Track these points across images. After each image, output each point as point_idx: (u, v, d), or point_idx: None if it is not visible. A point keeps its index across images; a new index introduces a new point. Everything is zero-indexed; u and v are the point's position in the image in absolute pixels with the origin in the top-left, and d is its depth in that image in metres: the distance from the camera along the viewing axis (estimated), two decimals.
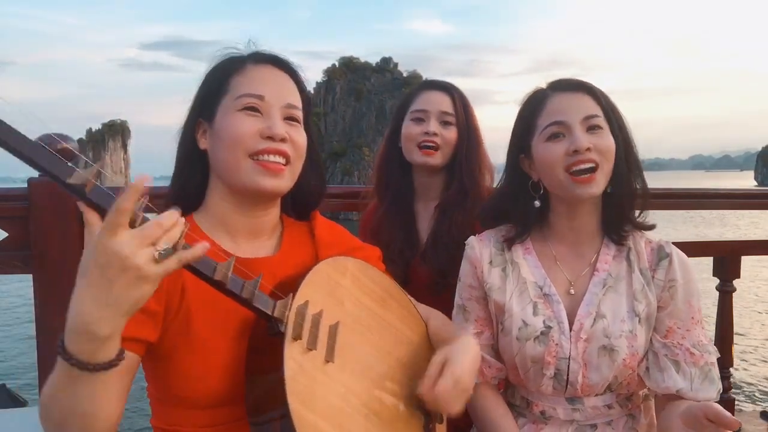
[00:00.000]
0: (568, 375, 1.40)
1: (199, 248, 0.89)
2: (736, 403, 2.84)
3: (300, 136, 1.25)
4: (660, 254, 1.45)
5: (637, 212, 1.49)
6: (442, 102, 1.98)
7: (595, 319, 1.40)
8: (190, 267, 0.93)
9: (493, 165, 2.03)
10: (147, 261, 0.83)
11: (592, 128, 1.39)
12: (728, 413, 1.13)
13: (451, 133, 1.96)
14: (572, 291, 1.46)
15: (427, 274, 1.87)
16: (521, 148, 1.51)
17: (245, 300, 1.00)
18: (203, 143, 1.25)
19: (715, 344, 2.80)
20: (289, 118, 1.24)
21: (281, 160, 1.20)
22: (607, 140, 1.39)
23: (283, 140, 1.19)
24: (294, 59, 1.30)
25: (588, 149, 1.36)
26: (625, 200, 1.45)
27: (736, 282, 2.78)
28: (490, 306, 1.51)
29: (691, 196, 2.93)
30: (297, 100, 1.27)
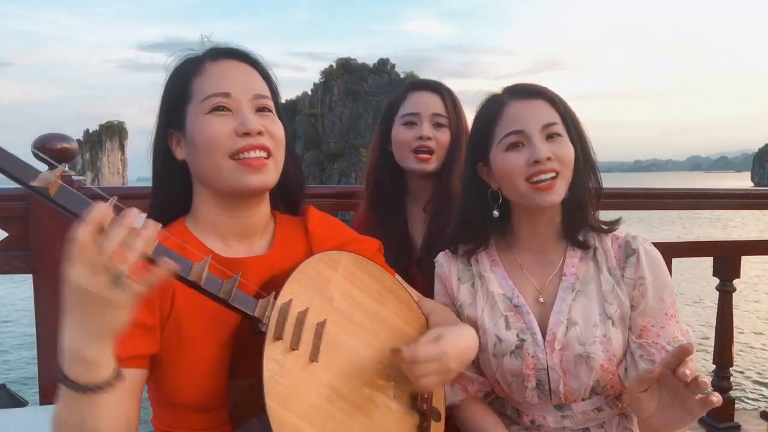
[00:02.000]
0: (549, 384, 1.38)
1: (159, 269, 0.84)
2: (737, 402, 2.84)
3: (276, 126, 1.20)
4: (627, 251, 1.42)
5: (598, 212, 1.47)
6: (433, 103, 1.91)
7: (567, 327, 1.37)
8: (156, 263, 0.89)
9: None
10: (105, 288, 0.80)
11: (551, 136, 1.37)
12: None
13: (445, 136, 1.91)
14: (541, 299, 1.44)
15: (425, 282, 1.84)
16: (479, 157, 1.48)
17: (223, 300, 0.97)
18: (180, 154, 1.21)
19: (714, 344, 2.84)
20: (261, 109, 1.19)
21: (263, 154, 1.16)
22: (566, 148, 1.37)
23: (260, 134, 1.15)
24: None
25: (548, 159, 1.34)
26: (585, 205, 1.43)
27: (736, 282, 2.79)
28: (464, 322, 1.48)
29: (691, 196, 2.94)
30: (264, 90, 1.22)
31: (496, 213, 1.46)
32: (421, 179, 1.97)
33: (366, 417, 1.12)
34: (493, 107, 1.44)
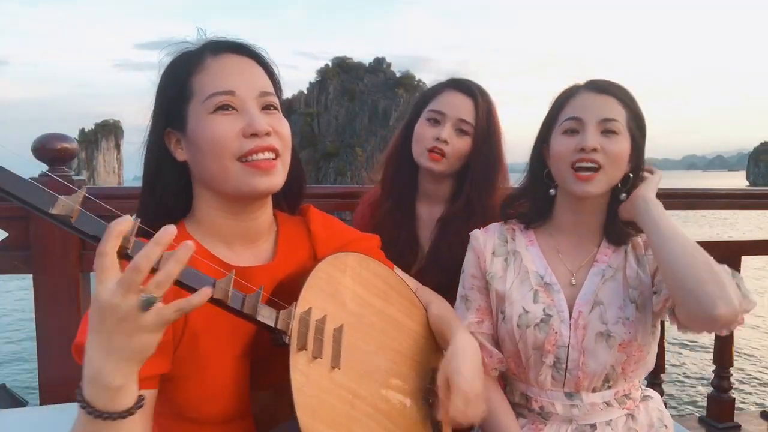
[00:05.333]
0: (567, 363, 1.41)
1: (196, 298, 0.82)
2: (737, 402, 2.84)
3: (282, 125, 1.14)
4: None
5: None
6: (463, 107, 1.82)
7: (593, 307, 1.43)
8: (188, 288, 0.86)
9: (509, 178, 1.88)
10: (134, 310, 0.78)
11: (607, 132, 1.40)
12: None
13: (464, 143, 1.82)
14: (574, 281, 1.49)
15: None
16: (545, 138, 1.53)
17: (248, 315, 0.95)
18: (181, 155, 1.14)
19: (714, 345, 2.84)
20: (267, 107, 1.13)
21: (271, 155, 1.10)
22: (618, 145, 1.40)
23: (267, 134, 1.09)
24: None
25: (594, 149, 1.38)
26: None
27: None
28: (491, 295, 1.53)
29: (690, 196, 2.95)
30: (269, 86, 1.15)
31: (552, 191, 1.52)
32: (434, 182, 1.91)
33: (385, 417, 1.15)
34: (566, 94, 1.51)
